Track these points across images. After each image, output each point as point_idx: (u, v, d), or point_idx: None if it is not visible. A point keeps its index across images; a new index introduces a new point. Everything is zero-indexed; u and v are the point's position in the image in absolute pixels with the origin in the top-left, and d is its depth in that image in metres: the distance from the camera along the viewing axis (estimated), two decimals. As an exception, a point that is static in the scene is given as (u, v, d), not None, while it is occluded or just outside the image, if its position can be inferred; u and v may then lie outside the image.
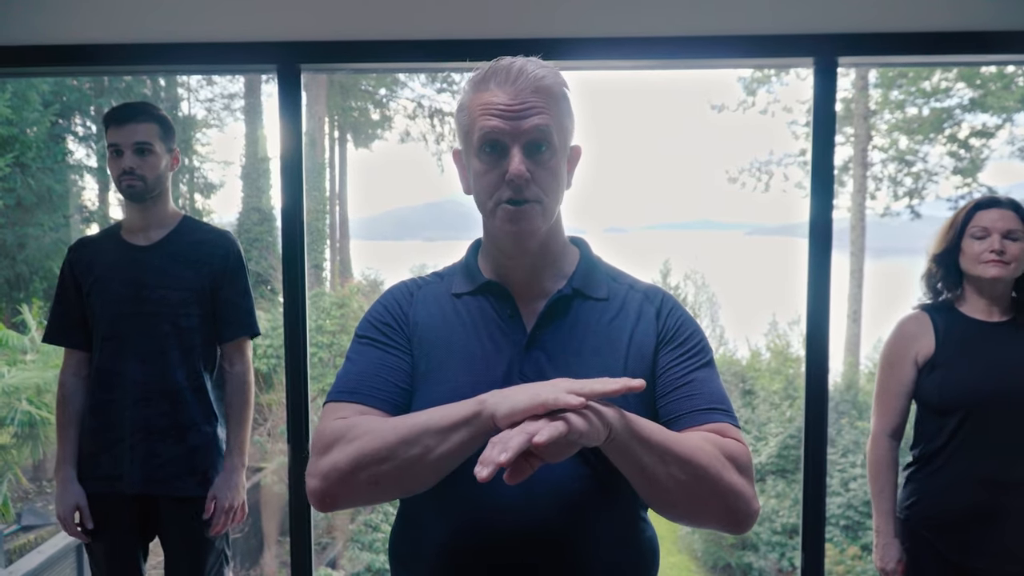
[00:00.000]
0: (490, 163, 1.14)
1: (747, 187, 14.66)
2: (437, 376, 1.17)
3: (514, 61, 1.13)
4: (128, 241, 2.27)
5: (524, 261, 1.21)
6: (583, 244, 1.31)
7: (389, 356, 1.19)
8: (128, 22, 2.43)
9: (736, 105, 13.79)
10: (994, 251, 2.05)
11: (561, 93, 1.16)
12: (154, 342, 2.20)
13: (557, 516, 1.11)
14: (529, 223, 1.14)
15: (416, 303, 1.25)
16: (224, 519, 2.25)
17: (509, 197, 1.13)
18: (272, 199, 13.44)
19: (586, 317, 1.21)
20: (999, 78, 11.35)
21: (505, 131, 1.11)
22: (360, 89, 15.06)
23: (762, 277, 23.81)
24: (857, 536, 9.48)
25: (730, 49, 2.38)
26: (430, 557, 1.17)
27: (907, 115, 12.66)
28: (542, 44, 2.31)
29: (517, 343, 1.18)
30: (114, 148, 2.19)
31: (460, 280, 1.26)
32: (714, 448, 1.08)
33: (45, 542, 5.90)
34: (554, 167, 1.15)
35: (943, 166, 12.57)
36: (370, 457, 1.03)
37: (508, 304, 1.21)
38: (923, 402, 2.14)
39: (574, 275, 1.24)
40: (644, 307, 1.24)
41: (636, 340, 1.20)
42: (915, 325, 2.16)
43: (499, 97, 1.12)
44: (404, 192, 72.90)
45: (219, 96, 14.31)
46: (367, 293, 15.20)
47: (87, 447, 2.25)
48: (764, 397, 12.26)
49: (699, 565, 11.17)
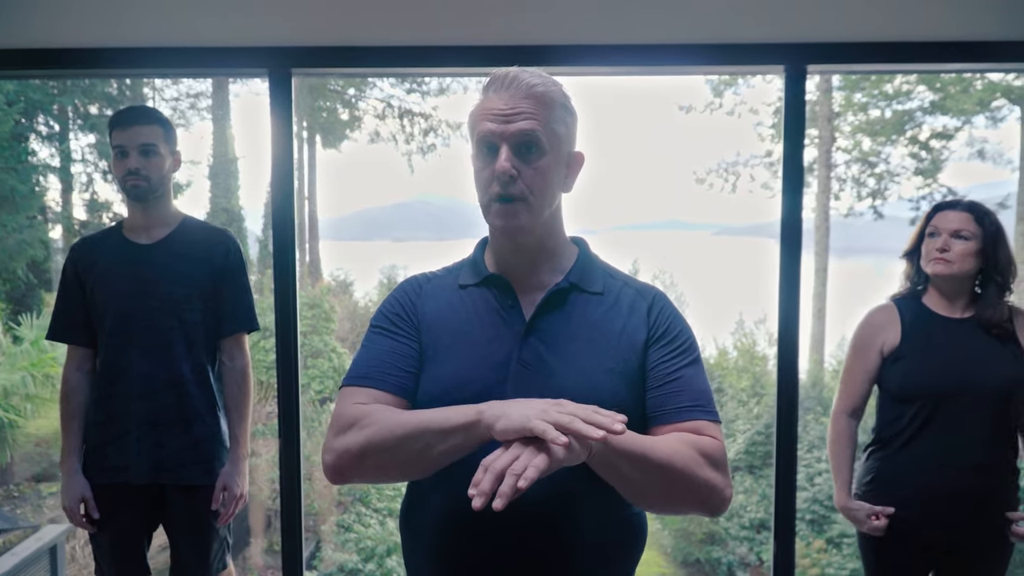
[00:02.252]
0: (485, 162, 1.26)
1: (715, 188, 14.81)
2: (443, 357, 1.28)
3: (511, 70, 1.26)
4: (131, 240, 2.34)
5: (524, 256, 1.32)
6: (583, 243, 1.42)
7: (398, 344, 1.31)
8: (121, 26, 2.47)
9: (704, 107, 13.95)
10: (939, 249, 2.19)
11: (555, 101, 1.25)
12: (159, 337, 2.27)
13: (547, 497, 1.19)
14: (515, 219, 1.24)
15: (425, 295, 1.36)
16: (233, 507, 2.33)
17: (498, 193, 1.24)
18: (240, 199, 13.37)
19: (581, 309, 1.31)
20: (958, 82, 11.62)
21: (496, 132, 1.23)
22: (329, 89, 15.01)
23: (729, 277, 24.08)
24: (823, 530, 9.68)
25: (704, 57, 2.48)
26: (435, 528, 1.28)
27: (870, 117, 12.91)
28: (527, 51, 2.42)
29: (516, 331, 1.28)
30: (119, 149, 2.26)
31: (467, 273, 1.37)
32: (689, 448, 1.19)
33: (16, 545, 5.84)
34: (542, 168, 1.24)
35: (905, 167, 12.84)
36: (377, 446, 1.17)
37: (509, 295, 1.31)
38: (885, 389, 2.29)
39: (572, 270, 1.34)
40: (637, 303, 1.34)
41: (628, 332, 1.30)
42: (883, 316, 2.29)
43: (495, 103, 1.24)
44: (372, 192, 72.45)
45: (185, 95, 14.15)
46: (337, 294, 15.18)
47: (94, 440, 2.32)
48: (732, 395, 12.43)
49: (669, 561, 11.31)
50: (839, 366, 13.98)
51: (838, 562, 9.45)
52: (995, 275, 2.20)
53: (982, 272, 2.22)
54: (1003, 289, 2.21)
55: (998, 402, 2.14)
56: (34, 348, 8.67)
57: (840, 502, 2.34)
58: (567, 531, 1.23)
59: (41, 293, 11.64)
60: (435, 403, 1.19)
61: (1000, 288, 2.21)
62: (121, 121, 2.28)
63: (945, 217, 2.22)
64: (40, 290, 11.63)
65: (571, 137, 1.30)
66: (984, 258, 2.19)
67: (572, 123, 1.30)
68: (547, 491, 1.16)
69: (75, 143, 12.29)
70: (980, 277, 2.23)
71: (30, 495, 9.44)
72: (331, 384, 11.87)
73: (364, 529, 9.88)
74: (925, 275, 2.28)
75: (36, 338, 8.79)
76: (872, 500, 2.28)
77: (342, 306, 14.94)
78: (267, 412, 10.13)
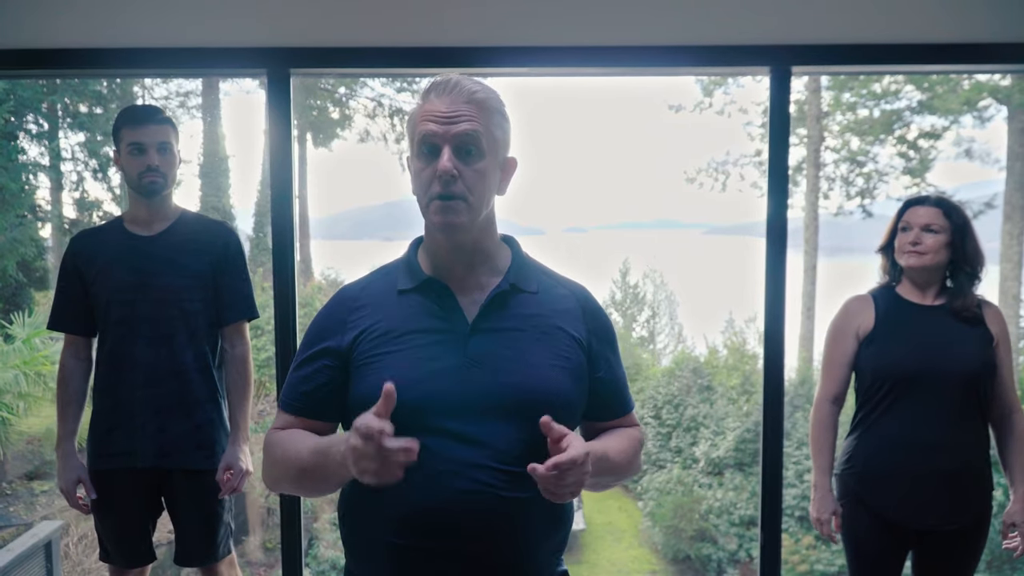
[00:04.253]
0: (426, 162, 1.29)
1: (704, 187, 14.89)
2: (383, 364, 1.31)
3: (451, 77, 1.31)
4: (132, 232, 2.39)
5: (460, 257, 1.36)
6: (514, 243, 1.45)
7: (313, 369, 1.37)
8: (120, 27, 2.52)
9: (693, 106, 14.03)
10: (911, 242, 2.31)
11: (493, 108, 1.31)
12: (163, 326, 2.33)
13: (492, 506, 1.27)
14: (456, 216, 1.28)
15: (361, 305, 1.38)
16: (239, 481, 2.40)
17: (439, 192, 1.27)
18: (231, 198, 13.38)
19: (522, 308, 1.36)
20: (946, 82, 11.72)
21: (438, 134, 1.27)
22: (320, 88, 15.01)
23: (719, 276, 24.18)
24: (811, 527, 9.75)
25: (690, 58, 2.55)
26: (381, 519, 1.31)
27: (858, 117, 13.01)
28: (522, 52, 2.46)
29: (459, 331, 1.32)
30: (136, 146, 2.31)
31: (403, 277, 1.39)
32: (636, 443, 1.46)
33: (11, 541, 5.85)
34: (481, 170, 1.29)
35: (893, 166, 12.96)
36: (282, 476, 1.36)
37: (448, 297, 1.35)
38: (860, 372, 2.38)
39: (509, 271, 1.39)
40: (569, 301, 1.42)
41: (566, 329, 1.37)
42: (858, 304, 2.40)
43: (436, 106, 1.29)
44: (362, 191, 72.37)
45: (175, 94, 14.13)
46: (328, 293, 15.18)
47: (101, 426, 2.37)
48: (722, 393, 12.53)
49: (659, 558, 11.39)
50: (828, 363, 14.06)
51: (827, 558, 9.55)
52: (964, 265, 2.32)
53: (952, 263, 2.33)
54: (972, 278, 2.33)
55: (966, 383, 2.25)
56: (26, 346, 8.68)
57: (817, 481, 2.41)
58: (509, 535, 1.29)
59: (32, 292, 11.63)
60: None
61: (969, 277, 2.33)
62: (136, 119, 2.33)
63: (916, 212, 2.34)
64: (31, 289, 11.63)
65: (507, 142, 1.36)
66: (953, 250, 2.31)
67: (508, 129, 1.35)
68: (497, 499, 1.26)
69: (65, 141, 12.28)
70: (950, 268, 2.35)
71: (22, 493, 9.45)
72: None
73: (356, 526, 9.90)
74: (900, 268, 2.39)
75: (28, 336, 8.79)
76: (849, 479, 2.37)
77: (333, 305, 14.94)
78: (259, 411, 10.16)
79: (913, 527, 2.31)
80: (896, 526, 2.31)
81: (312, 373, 1.37)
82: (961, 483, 2.28)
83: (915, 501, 2.27)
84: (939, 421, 2.25)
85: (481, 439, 1.26)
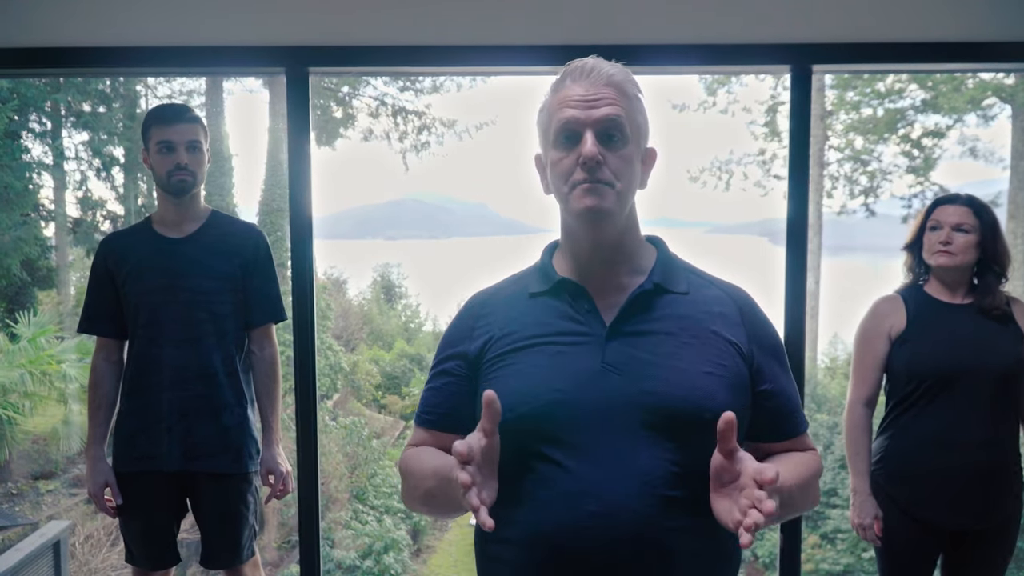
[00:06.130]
0: (565, 150, 1.18)
1: (708, 186, 14.85)
2: (511, 371, 1.21)
3: (586, 60, 1.20)
4: (161, 234, 2.38)
5: (601, 255, 1.23)
6: (660, 242, 1.32)
7: (444, 383, 1.31)
8: (139, 25, 2.50)
9: (697, 105, 13.99)
10: (942, 242, 2.30)
11: (632, 92, 1.20)
12: (191, 328, 2.32)
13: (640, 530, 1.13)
14: (603, 200, 1.16)
15: (489, 311, 1.29)
16: (283, 483, 2.43)
17: (584, 178, 1.16)
18: (235, 197, 13.34)
19: (669, 310, 1.22)
20: (950, 80, 11.70)
21: (579, 119, 1.16)
22: (323, 87, 15.00)
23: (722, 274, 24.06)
24: (817, 526, 9.75)
25: (709, 57, 2.52)
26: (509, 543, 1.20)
27: (862, 116, 12.99)
28: (541, 50, 2.45)
29: (596, 335, 1.20)
30: (165, 144, 2.29)
31: (536, 280, 1.28)
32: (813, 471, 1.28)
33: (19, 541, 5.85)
34: (626, 156, 1.18)
35: (897, 165, 12.94)
36: (413, 499, 1.30)
37: (584, 299, 1.22)
38: (893, 372, 2.37)
39: (654, 270, 1.25)
40: (726, 304, 1.26)
41: (722, 335, 1.22)
42: (888, 305, 2.39)
43: (574, 91, 1.17)
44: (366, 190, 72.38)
45: (178, 93, 14.09)
46: (332, 292, 15.19)
47: (126, 429, 2.36)
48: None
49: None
50: (832, 363, 14.08)
51: (832, 557, 9.53)
52: (993, 264, 2.32)
53: (980, 262, 2.33)
54: (999, 277, 2.33)
55: (1000, 381, 2.25)
56: (31, 345, 8.68)
57: (857, 486, 2.39)
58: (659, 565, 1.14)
59: (35, 291, 11.63)
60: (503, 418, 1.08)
61: (997, 276, 2.33)
62: (166, 118, 2.32)
63: (946, 211, 2.33)
64: (34, 288, 11.62)
65: (647, 130, 1.24)
66: (983, 249, 2.31)
67: (647, 116, 1.24)
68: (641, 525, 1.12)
69: (68, 140, 12.26)
70: (978, 267, 2.34)
71: (28, 492, 9.45)
72: (327, 382, 11.89)
73: (362, 526, 9.93)
74: (926, 266, 2.38)
75: (33, 336, 8.79)
76: (882, 479, 2.36)
77: (336, 304, 14.99)
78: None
79: (947, 526, 2.30)
80: (928, 525, 2.30)
81: (442, 385, 1.30)
82: (995, 482, 2.27)
83: (949, 500, 2.26)
84: (975, 419, 2.24)
85: (618, 455, 1.13)
